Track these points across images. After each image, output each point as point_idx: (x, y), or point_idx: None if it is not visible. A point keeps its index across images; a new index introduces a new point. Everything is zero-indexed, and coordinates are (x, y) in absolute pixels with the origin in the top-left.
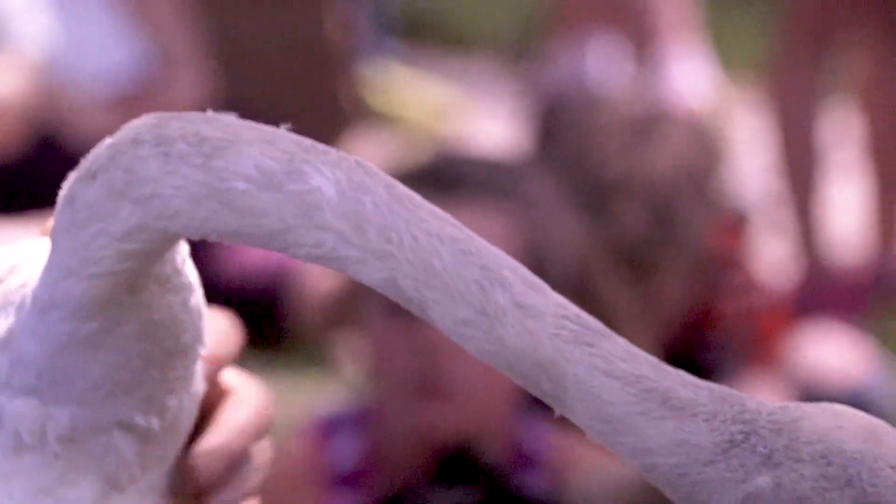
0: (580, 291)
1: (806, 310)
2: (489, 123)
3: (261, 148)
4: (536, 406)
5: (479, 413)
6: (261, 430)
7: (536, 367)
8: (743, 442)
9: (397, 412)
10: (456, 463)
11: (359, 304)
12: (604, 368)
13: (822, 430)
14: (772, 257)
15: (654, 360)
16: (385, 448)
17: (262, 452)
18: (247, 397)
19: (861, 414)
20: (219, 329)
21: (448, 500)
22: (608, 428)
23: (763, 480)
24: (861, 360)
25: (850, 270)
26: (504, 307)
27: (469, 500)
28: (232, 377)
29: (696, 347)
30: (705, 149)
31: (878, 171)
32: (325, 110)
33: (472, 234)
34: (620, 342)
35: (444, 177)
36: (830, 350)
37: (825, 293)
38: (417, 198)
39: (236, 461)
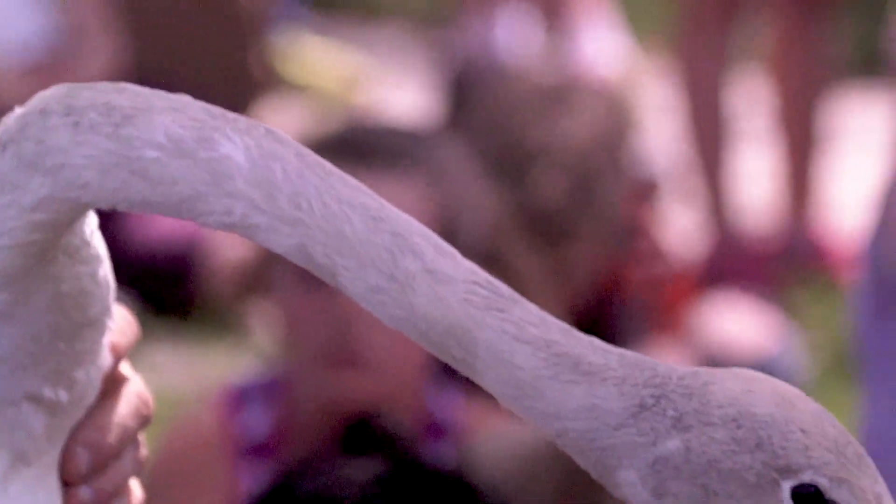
0: (492, 259)
1: (714, 279)
2: (401, 92)
3: (171, 116)
4: (448, 376)
5: (391, 383)
6: (139, 426)
7: (447, 333)
8: (653, 406)
9: (308, 381)
10: (365, 432)
11: (271, 272)
12: (514, 334)
13: (733, 394)
14: (680, 225)
15: (564, 325)
16: (295, 418)
17: (139, 447)
18: (130, 392)
19: (771, 378)
20: (118, 319)
21: (356, 468)
22: (518, 393)
23: (673, 444)
24: (768, 330)
25: (760, 240)
26: (414, 273)
27: (377, 470)
28: (124, 369)
29: (604, 314)
30: (618, 117)
31: (788, 140)
32: (236, 79)
33: (382, 201)
34: (531, 308)
35: (355, 146)
36: (737, 319)
37: (733, 262)
38: (328, 165)
39: (110, 455)
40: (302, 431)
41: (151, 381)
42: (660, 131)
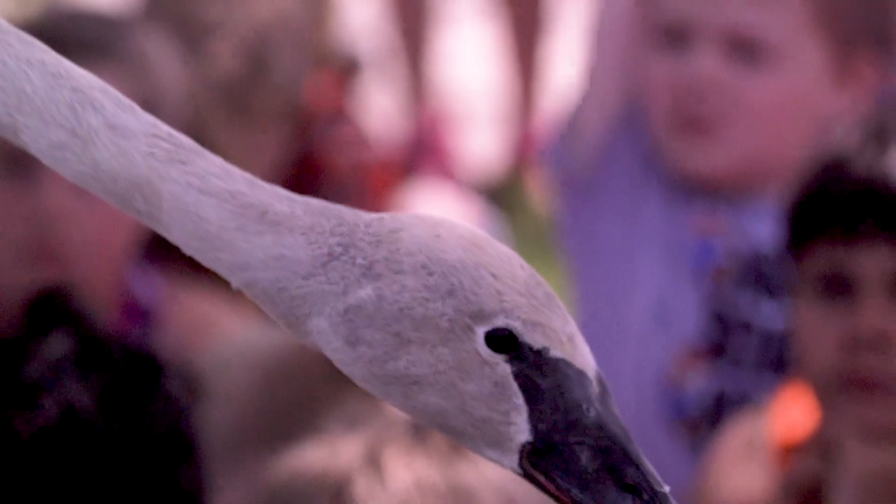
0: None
1: (416, 165)
2: None
3: None
4: (152, 262)
5: (88, 267)
6: None
7: (131, 186)
8: (342, 255)
9: (3, 272)
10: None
11: None
12: (199, 186)
13: (422, 241)
14: (384, 110)
15: (248, 176)
16: None
17: None
18: None
19: (460, 223)
20: None
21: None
22: (205, 245)
23: (364, 292)
24: (471, 217)
25: (463, 125)
26: (96, 128)
27: (63, 347)
28: None
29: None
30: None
31: (511, 18)
32: None
33: (61, 58)
34: (214, 160)
35: (54, 33)
36: (441, 206)
37: (437, 148)
38: (4, 23)
39: None
40: None
41: None
42: (361, 13)
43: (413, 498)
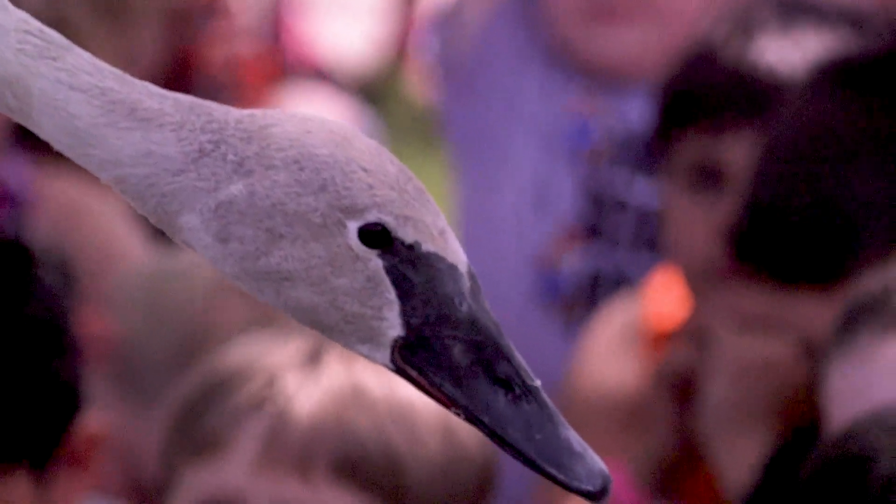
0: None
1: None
2: None
3: None
4: (20, 148)
5: None
6: None
7: (1, 83)
8: (213, 151)
9: None
10: None
11: None
12: (68, 82)
13: (293, 137)
14: (258, 5)
15: (119, 72)
16: None
17: None
18: None
19: (330, 120)
20: None
21: None
22: (76, 141)
23: (236, 188)
24: (343, 110)
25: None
26: None
27: None
28: None
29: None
30: None
31: None
32: None
33: None
34: (84, 55)
35: None
36: (313, 101)
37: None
38: None
39: None
40: None
41: None
42: None
43: (346, 399)
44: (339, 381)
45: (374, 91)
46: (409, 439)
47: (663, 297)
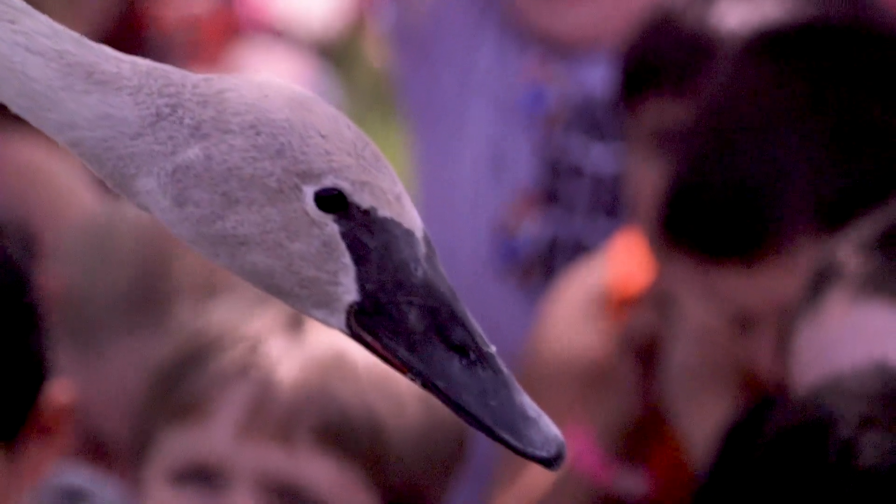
0: None
1: (237, 16)
2: None
3: None
4: None
5: None
6: None
7: None
8: (170, 115)
9: None
10: None
11: None
12: (26, 45)
13: (250, 101)
14: None
15: (77, 35)
16: None
17: None
18: None
19: (287, 84)
20: None
21: None
22: (33, 104)
23: (193, 152)
24: (302, 74)
25: None
26: None
27: None
28: None
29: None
30: None
31: None
32: None
33: None
34: (43, 19)
35: None
36: (271, 64)
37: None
38: None
39: None
40: None
41: None
42: None
43: (329, 367)
44: (322, 348)
45: (335, 56)
46: (390, 407)
47: (627, 262)
